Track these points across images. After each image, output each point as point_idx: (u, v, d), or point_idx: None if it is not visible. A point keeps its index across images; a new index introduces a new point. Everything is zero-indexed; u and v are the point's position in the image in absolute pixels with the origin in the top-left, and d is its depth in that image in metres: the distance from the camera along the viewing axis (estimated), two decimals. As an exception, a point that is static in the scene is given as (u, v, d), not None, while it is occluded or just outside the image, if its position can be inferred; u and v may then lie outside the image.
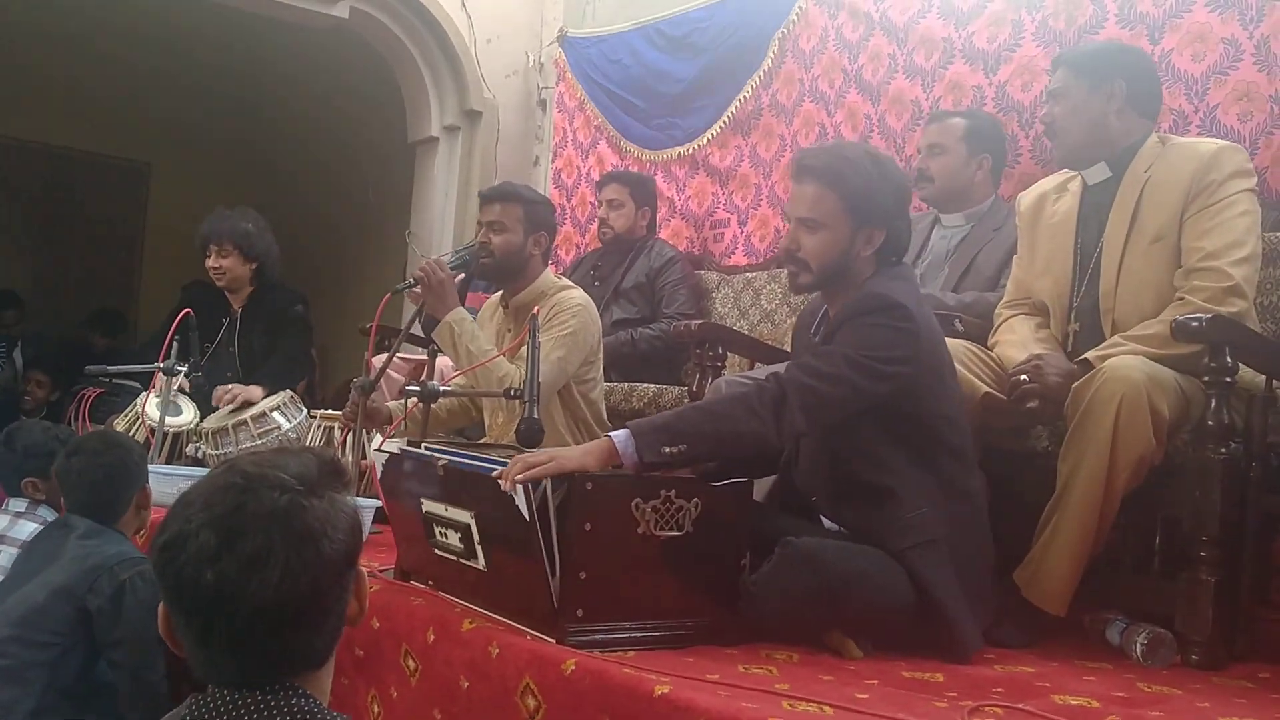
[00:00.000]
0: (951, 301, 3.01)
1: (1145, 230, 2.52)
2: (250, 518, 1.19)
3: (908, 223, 2.36)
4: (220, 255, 4.36)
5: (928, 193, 3.35)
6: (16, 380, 6.60)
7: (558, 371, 3.16)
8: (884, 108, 4.03)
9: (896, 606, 2.11)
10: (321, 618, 1.24)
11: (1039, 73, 3.49)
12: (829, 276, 2.32)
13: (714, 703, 1.65)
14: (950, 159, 3.31)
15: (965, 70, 3.76)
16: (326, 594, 1.23)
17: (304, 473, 1.25)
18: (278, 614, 1.19)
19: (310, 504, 1.22)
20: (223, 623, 1.18)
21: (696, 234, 4.82)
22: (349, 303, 7.28)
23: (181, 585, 1.18)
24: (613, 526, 2.01)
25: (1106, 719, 1.78)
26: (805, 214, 2.31)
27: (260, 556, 1.17)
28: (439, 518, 2.27)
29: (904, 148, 3.91)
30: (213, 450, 3.85)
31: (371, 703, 2.31)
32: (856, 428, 2.21)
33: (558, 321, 3.20)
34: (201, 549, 1.17)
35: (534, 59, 5.89)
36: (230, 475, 1.23)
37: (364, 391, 2.98)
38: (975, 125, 3.34)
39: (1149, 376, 2.24)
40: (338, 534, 1.23)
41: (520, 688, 1.92)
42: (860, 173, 2.27)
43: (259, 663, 1.21)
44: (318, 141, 8.11)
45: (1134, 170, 2.57)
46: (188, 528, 1.19)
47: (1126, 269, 2.54)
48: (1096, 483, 2.25)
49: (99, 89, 7.78)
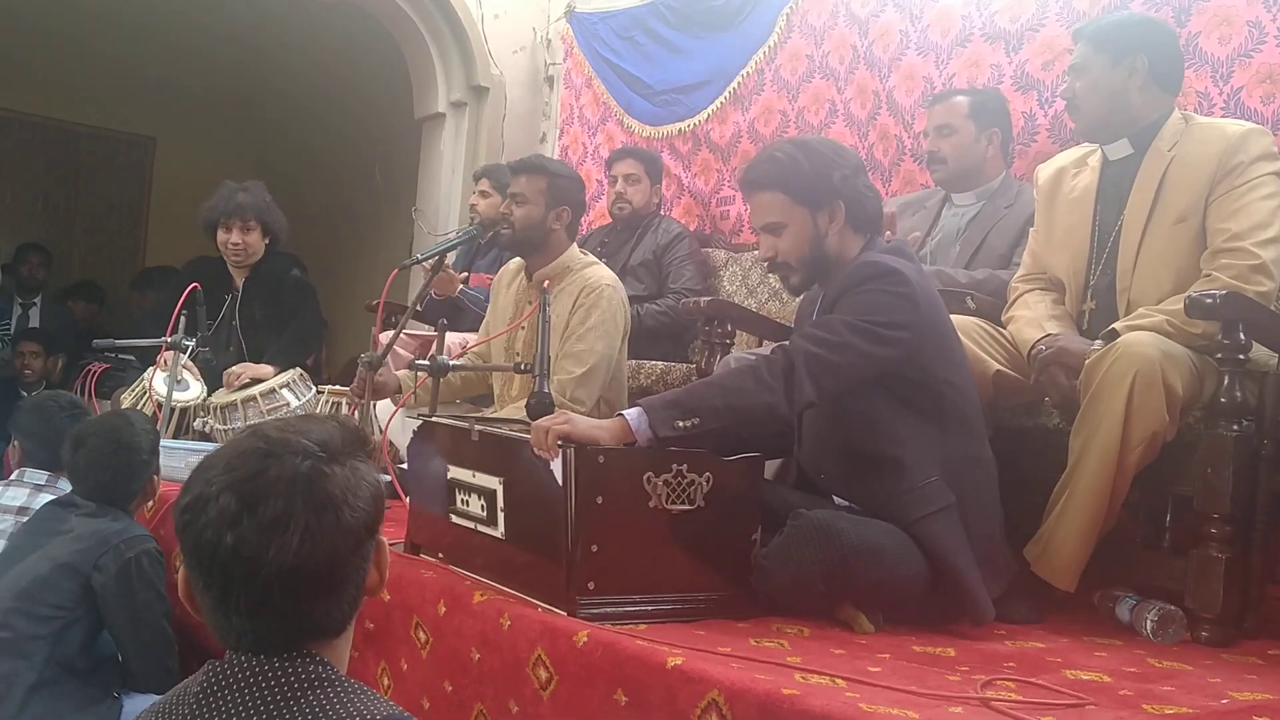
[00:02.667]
0: (963, 279, 2.99)
1: (1169, 210, 2.51)
2: (272, 482, 1.19)
3: (865, 184, 2.37)
4: (245, 231, 4.31)
5: (941, 175, 3.32)
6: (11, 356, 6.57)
7: (605, 362, 3.17)
8: (893, 84, 4.01)
9: (909, 579, 2.11)
10: (340, 585, 1.24)
11: (1060, 51, 3.46)
12: (814, 267, 2.37)
13: (727, 674, 1.66)
14: (960, 138, 3.28)
15: (985, 49, 3.73)
16: (346, 562, 1.23)
17: (327, 440, 1.24)
18: (296, 579, 1.19)
19: (332, 471, 1.22)
20: (241, 586, 1.18)
21: (706, 211, 4.81)
22: (355, 279, 7.27)
23: (201, 548, 1.18)
24: (624, 500, 2.02)
25: (1119, 693, 1.78)
26: (765, 220, 2.39)
27: (280, 521, 1.17)
28: (464, 483, 2.29)
29: (912, 124, 3.90)
30: (220, 425, 3.85)
31: (382, 675, 2.32)
32: (862, 398, 2.21)
33: (592, 307, 3.19)
34: (222, 512, 1.17)
35: (541, 35, 5.85)
36: (254, 440, 1.23)
37: (371, 367, 2.98)
38: (979, 100, 3.32)
39: (1163, 353, 2.24)
40: (358, 502, 1.23)
41: (532, 659, 1.92)
42: (793, 166, 2.33)
43: (276, 628, 1.21)
44: (324, 118, 8.08)
45: (1157, 148, 2.55)
46: (209, 490, 1.19)
47: (1147, 248, 2.52)
48: (1109, 458, 2.25)
49: (103, 63, 7.74)
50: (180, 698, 1.25)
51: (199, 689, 1.23)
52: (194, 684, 1.25)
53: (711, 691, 1.63)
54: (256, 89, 8.23)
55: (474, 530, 2.27)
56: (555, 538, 1.98)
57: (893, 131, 4.01)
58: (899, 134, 3.99)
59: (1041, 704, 1.64)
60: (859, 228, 2.35)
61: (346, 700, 1.20)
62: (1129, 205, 2.57)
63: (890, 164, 4.01)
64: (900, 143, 3.98)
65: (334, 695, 1.20)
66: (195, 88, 8.16)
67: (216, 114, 8.49)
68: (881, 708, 1.53)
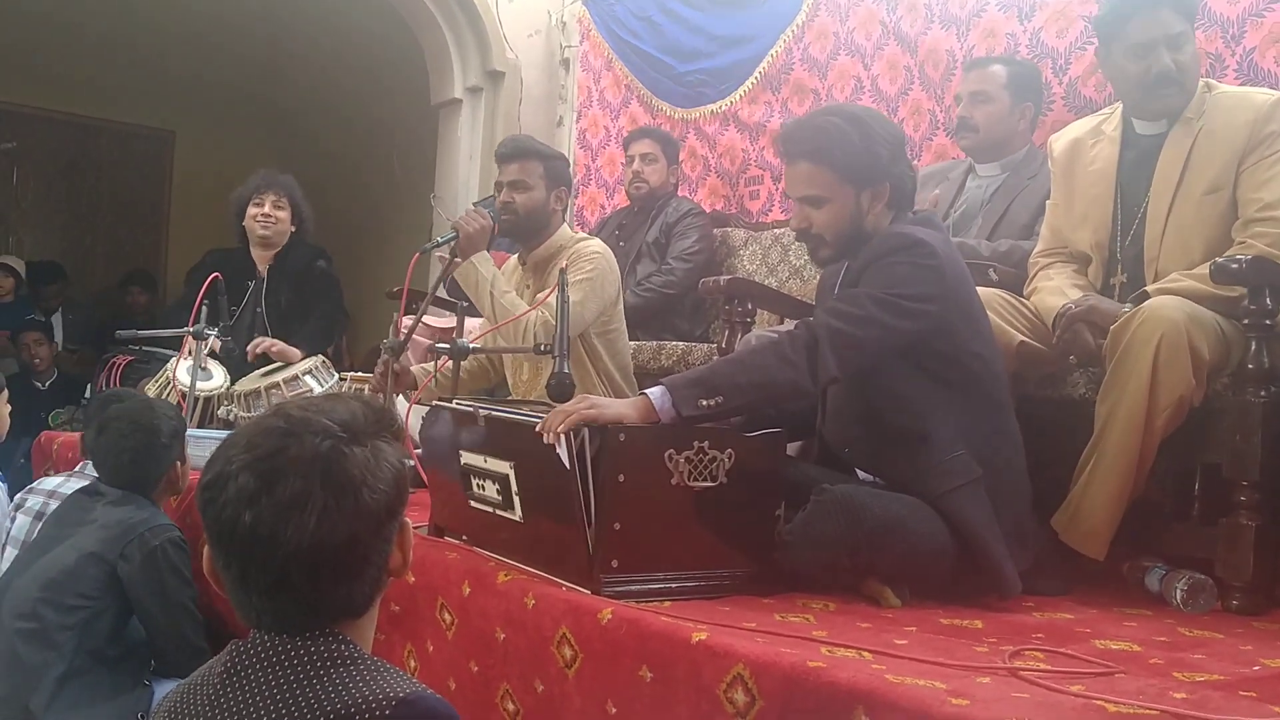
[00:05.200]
0: (986, 250, 2.97)
1: (1199, 181, 2.48)
2: (291, 461, 1.19)
3: (907, 165, 2.33)
4: (277, 205, 4.40)
5: (971, 142, 3.28)
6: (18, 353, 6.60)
7: (575, 316, 3.12)
8: (921, 58, 3.97)
9: (935, 553, 2.09)
10: (360, 567, 1.24)
11: (1074, 18, 3.45)
12: (848, 243, 2.32)
13: (752, 649, 1.65)
14: (996, 108, 3.23)
15: (999, 18, 3.70)
16: (365, 543, 1.23)
17: (350, 420, 1.24)
18: (313, 560, 1.19)
19: (352, 451, 1.22)
20: (259, 565, 1.19)
21: (732, 191, 4.80)
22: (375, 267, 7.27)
23: (221, 525, 1.19)
24: (646, 478, 2.01)
25: (1149, 661, 1.76)
26: (805, 193, 2.32)
27: (298, 501, 1.17)
28: (477, 469, 2.28)
29: (943, 98, 3.86)
30: (244, 412, 3.86)
31: (408, 657, 2.33)
32: (888, 371, 2.19)
33: (575, 268, 3.17)
34: (241, 490, 1.18)
35: (556, 18, 5.84)
36: (275, 419, 1.23)
37: (393, 352, 2.98)
38: (1017, 72, 3.27)
39: (1188, 316, 2.22)
40: (379, 484, 1.23)
41: (556, 638, 1.92)
42: (844, 142, 2.25)
43: (296, 608, 1.21)
44: (341, 107, 8.09)
45: (1184, 117, 2.52)
46: (229, 469, 1.19)
47: (1176, 219, 2.49)
48: (1135, 422, 2.22)
49: (123, 59, 7.76)
50: (205, 677, 1.26)
51: (223, 668, 1.23)
52: (218, 663, 1.25)
53: (737, 666, 1.63)
54: (274, 81, 8.24)
55: (493, 514, 2.26)
56: (575, 517, 1.98)
57: (925, 106, 3.98)
58: (931, 108, 3.95)
59: (1070, 673, 1.63)
60: (896, 205, 2.31)
61: (370, 678, 1.20)
62: (1156, 176, 2.54)
63: (921, 139, 3.97)
64: (933, 117, 3.95)
65: (357, 673, 1.20)
66: (214, 81, 8.18)
67: (235, 107, 8.51)
68: (908, 679, 1.52)
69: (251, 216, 4.41)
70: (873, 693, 1.48)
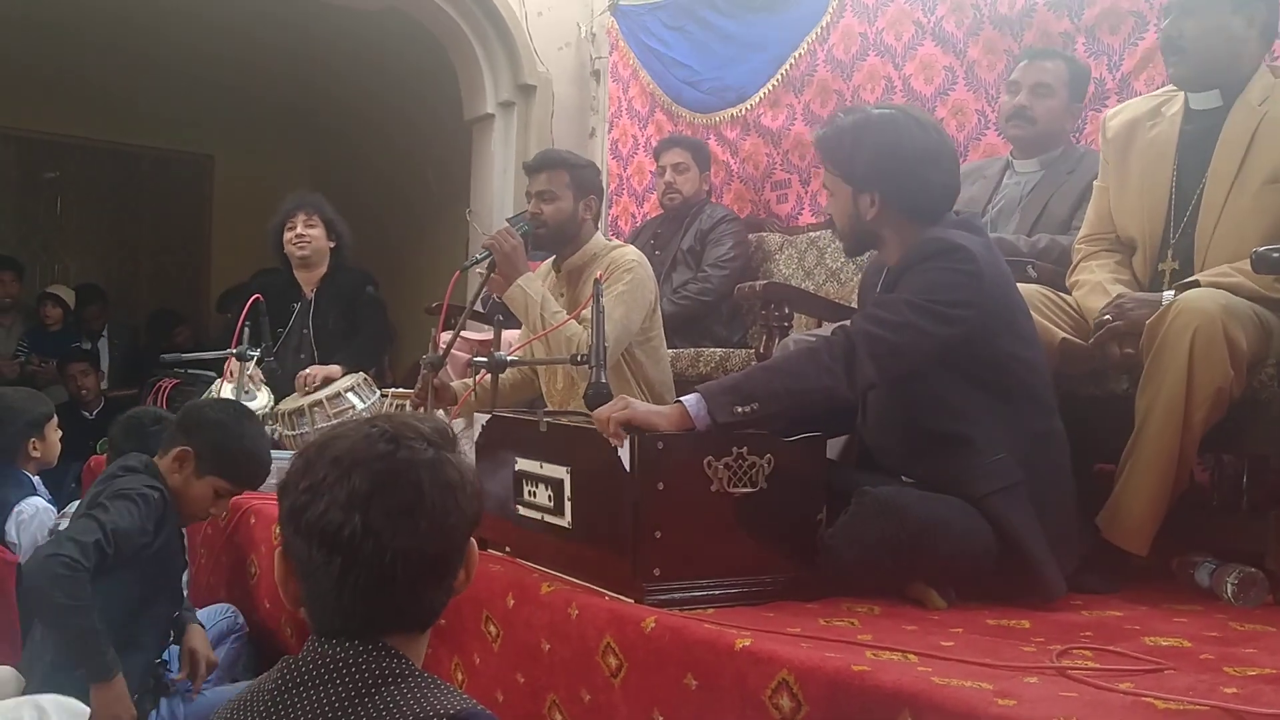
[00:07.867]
0: (1024, 247, 2.93)
1: (1259, 169, 2.41)
2: (402, 465, 1.24)
3: (926, 173, 2.26)
4: (308, 224, 4.46)
5: (1025, 133, 3.18)
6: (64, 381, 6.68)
7: (622, 330, 3.14)
8: (973, 57, 3.93)
9: (978, 553, 2.08)
10: (450, 571, 1.30)
11: (1124, 15, 3.45)
12: (856, 239, 2.40)
13: (797, 654, 1.64)
14: (1055, 102, 3.16)
15: (1049, 17, 3.68)
16: (458, 549, 1.29)
17: (436, 432, 1.30)
18: (419, 560, 1.24)
19: (451, 459, 1.28)
20: (363, 566, 1.22)
21: (758, 196, 4.79)
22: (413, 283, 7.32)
23: (325, 528, 1.22)
24: (686, 485, 2.01)
25: (1199, 657, 1.74)
26: (823, 182, 2.44)
27: (410, 504, 1.23)
28: (531, 474, 2.31)
29: (996, 97, 3.77)
30: (288, 431, 3.90)
31: (455, 670, 2.34)
32: (929, 376, 2.18)
33: (614, 279, 3.18)
34: (353, 493, 1.21)
35: (585, 29, 5.86)
36: (373, 427, 1.28)
37: (433, 367, 3.01)
38: (1076, 73, 3.22)
39: (1223, 307, 2.18)
40: (472, 490, 1.30)
41: (601, 647, 1.93)
42: (837, 143, 2.34)
43: (389, 611, 1.25)
44: (376, 125, 8.16)
45: (1246, 101, 2.45)
46: (334, 472, 1.23)
47: (1232, 206, 2.43)
48: (1174, 415, 2.19)
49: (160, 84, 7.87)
50: (256, 693, 1.27)
51: (274, 685, 1.25)
52: (269, 680, 1.27)
53: (781, 672, 1.62)
54: (309, 102, 8.34)
55: (540, 521, 2.28)
56: (620, 525, 1.99)
57: (972, 106, 3.95)
58: (981, 108, 3.91)
59: (1120, 670, 1.61)
60: (913, 216, 2.28)
61: (421, 695, 1.21)
62: (1214, 160, 2.47)
63: (967, 139, 3.93)
64: (983, 116, 3.91)
65: (408, 690, 1.22)
66: (250, 103, 8.29)
67: (271, 129, 8.62)
68: (955, 680, 1.51)
69: (288, 241, 4.47)
70: (918, 695, 1.47)
